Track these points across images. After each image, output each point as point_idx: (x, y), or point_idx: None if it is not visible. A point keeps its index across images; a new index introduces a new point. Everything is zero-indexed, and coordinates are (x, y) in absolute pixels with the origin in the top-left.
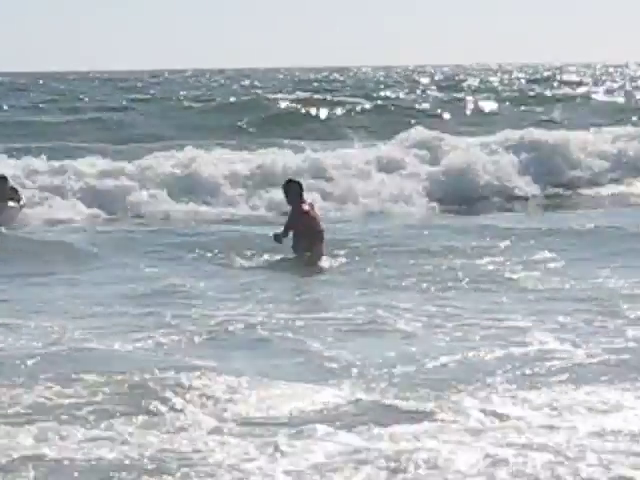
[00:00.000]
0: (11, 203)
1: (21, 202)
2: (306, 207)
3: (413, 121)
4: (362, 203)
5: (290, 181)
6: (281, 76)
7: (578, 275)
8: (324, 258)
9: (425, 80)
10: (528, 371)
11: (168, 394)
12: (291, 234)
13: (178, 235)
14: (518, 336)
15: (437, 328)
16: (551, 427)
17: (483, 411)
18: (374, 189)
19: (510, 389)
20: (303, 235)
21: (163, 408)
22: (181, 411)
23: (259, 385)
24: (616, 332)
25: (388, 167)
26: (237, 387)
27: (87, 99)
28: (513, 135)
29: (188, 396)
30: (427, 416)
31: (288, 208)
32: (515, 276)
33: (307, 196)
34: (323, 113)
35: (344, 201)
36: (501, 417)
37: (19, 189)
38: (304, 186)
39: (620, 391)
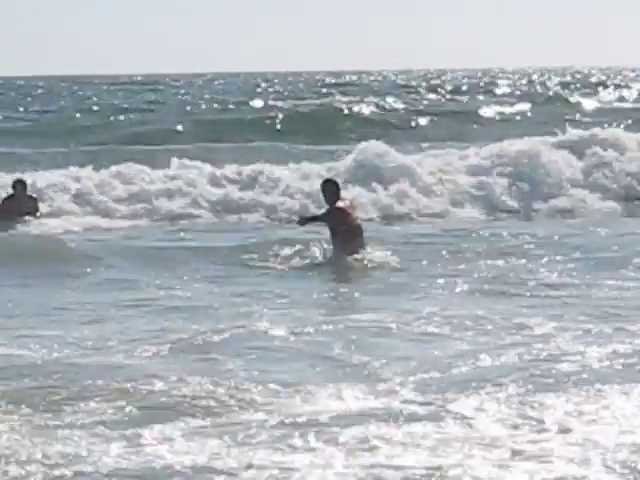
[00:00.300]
0: (27, 217)
1: (37, 213)
2: (341, 203)
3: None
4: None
5: (327, 180)
6: (302, 79)
7: (606, 281)
8: (361, 252)
9: (450, 85)
10: (549, 377)
11: (203, 402)
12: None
13: (209, 240)
14: (542, 342)
15: (464, 331)
16: (569, 438)
17: (510, 417)
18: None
19: (538, 397)
20: (338, 231)
21: (199, 416)
22: (220, 418)
23: (287, 390)
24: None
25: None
26: (263, 393)
27: (115, 101)
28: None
29: (223, 403)
30: (453, 422)
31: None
32: (547, 281)
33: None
34: (371, 116)
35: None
36: (531, 426)
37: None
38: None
39: None
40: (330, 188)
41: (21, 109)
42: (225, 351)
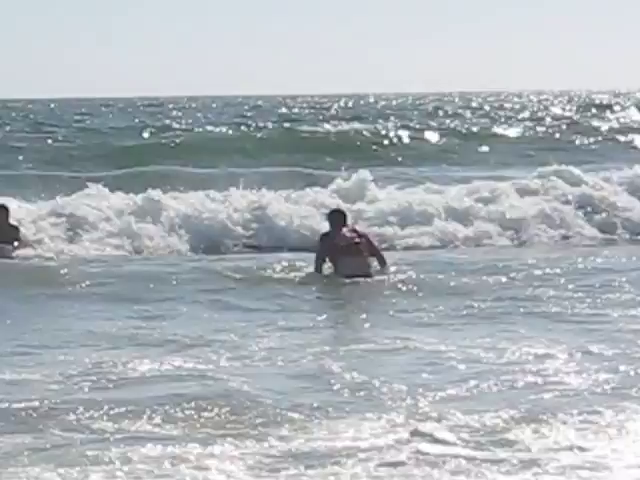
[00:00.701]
0: (3, 245)
1: (15, 243)
2: (344, 229)
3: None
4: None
5: (334, 211)
6: (305, 104)
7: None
8: (362, 273)
9: (448, 108)
10: (548, 403)
11: (200, 426)
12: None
13: (206, 263)
14: (544, 366)
15: (467, 356)
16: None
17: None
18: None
19: (534, 423)
20: (329, 254)
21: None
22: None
23: (295, 418)
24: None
25: None
26: (264, 421)
27: (111, 124)
28: None
29: (221, 427)
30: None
31: None
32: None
33: None
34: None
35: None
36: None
37: (20, 228)
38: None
39: None
40: (335, 218)
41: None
42: (224, 377)
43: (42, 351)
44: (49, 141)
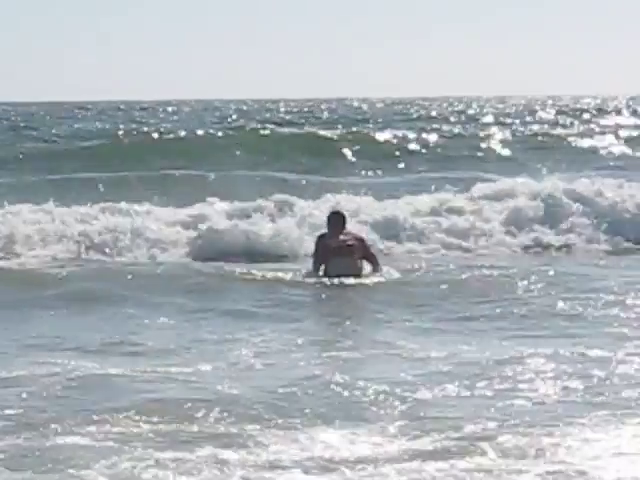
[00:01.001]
0: None
1: None
2: (342, 237)
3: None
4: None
5: (334, 213)
6: (292, 108)
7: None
8: (351, 273)
9: (442, 112)
10: (527, 416)
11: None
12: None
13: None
14: (529, 378)
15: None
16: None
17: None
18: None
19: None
20: (322, 256)
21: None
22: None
23: (279, 426)
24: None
25: None
26: (256, 427)
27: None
28: None
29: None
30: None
31: None
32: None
33: None
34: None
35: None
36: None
37: None
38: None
39: None
40: (333, 220)
41: None
42: (208, 381)
43: (22, 356)
44: (20, 144)
